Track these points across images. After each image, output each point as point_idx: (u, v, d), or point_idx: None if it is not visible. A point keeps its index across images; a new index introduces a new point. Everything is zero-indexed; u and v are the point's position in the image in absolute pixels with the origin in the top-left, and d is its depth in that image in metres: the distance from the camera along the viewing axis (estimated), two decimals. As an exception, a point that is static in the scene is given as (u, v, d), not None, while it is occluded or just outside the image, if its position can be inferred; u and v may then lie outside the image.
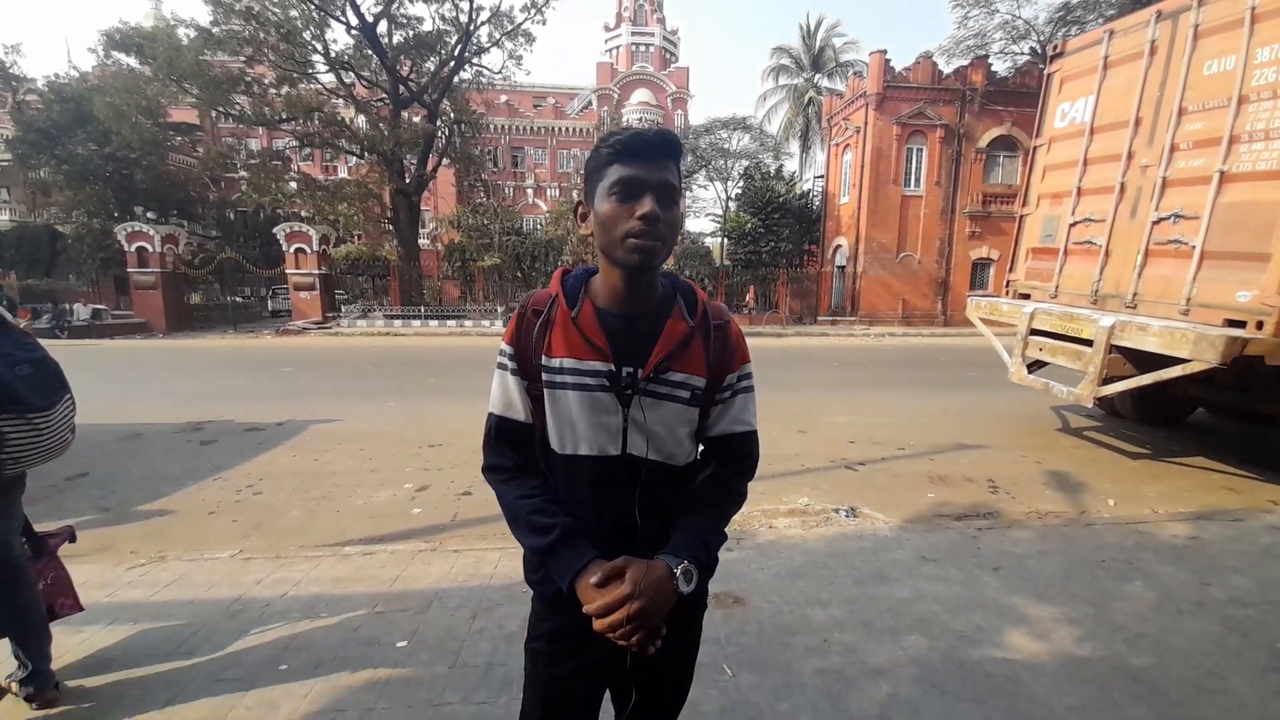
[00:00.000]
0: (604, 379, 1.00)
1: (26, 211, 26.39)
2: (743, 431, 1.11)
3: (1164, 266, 4.67)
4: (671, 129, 1.02)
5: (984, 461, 5.09)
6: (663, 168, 0.96)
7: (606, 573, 0.94)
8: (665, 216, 0.95)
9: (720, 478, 1.12)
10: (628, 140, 0.96)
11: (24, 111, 21.52)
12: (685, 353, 1.03)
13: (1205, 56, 4.44)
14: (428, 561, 3.05)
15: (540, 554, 1.01)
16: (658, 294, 1.06)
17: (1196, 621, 2.30)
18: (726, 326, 1.09)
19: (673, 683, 1.20)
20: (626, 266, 0.98)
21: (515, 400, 1.06)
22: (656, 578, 0.94)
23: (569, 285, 1.07)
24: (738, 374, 1.10)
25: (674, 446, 1.06)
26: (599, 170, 0.98)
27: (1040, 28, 20.39)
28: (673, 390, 1.03)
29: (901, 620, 2.55)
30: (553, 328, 1.03)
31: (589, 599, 0.94)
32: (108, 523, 3.80)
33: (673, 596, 0.95)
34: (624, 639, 0.91)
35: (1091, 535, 3.45)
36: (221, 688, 2.09)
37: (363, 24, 17.58)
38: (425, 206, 25.49)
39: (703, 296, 1.10)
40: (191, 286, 19.36)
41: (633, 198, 0.94)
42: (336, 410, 6.77)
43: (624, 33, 36.53)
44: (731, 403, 1.10)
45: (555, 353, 1.02)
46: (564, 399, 1.02)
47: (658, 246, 0.95)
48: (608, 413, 1.01)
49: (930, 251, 20.19)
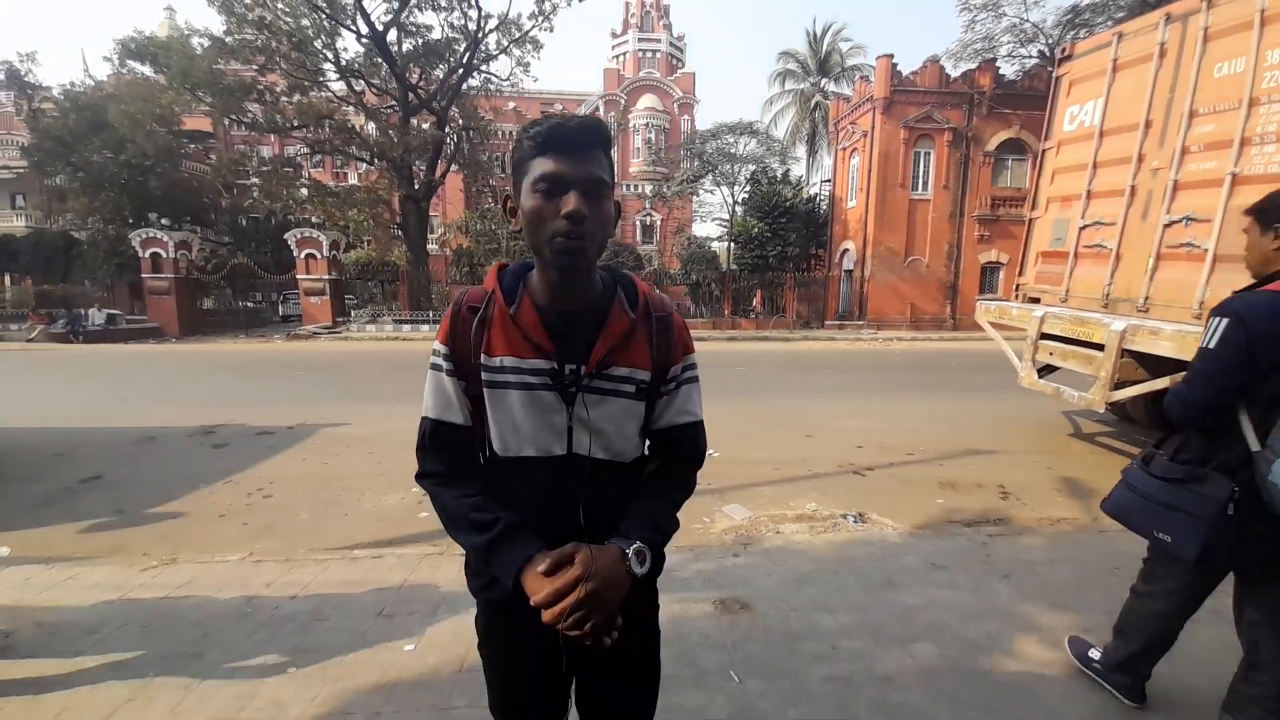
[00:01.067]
0: (546, 377, 0.97)
1: (43, 218, 26.85)
2: (689, 422, 1.09)
3: (1176, 270, 4.63)
4: (597, 119, 0.99)
5: (994, 467, 5.04)
6: (589, 160, 0.91)
7: (555, 559, 0.90)
8: (593, 213, 0.91)
9: (669, 468, 1.11)
10: (549, 131, 0.91)
11: (40, 119, 21.89)
12: (628, 346, 1.00)
13: (1215, 59, 4.41)
14: (435, 565, 3.06)
15: (482, 551, 0.96)
16: (597, 288, 1.02)
17: (1212, 630, 2.26)
18: (669, 318, 1.07)
19: (633, 688, 1.14)
20: (556, 267, 0.95)
21: (453, 402, 1.01)
22: (608, 560, 0.91)
23: (506, 281, 1.03)
24: (682, 365, 1.07)
25: (621, 443, 1.03)
26: (523, 163, 0.93)
27: (1048, 31, 20.32)
28: (618, 385, 1.00)
29: (911, 627, 2.53)
30: (491, 325, 0.99)
31: (536, 589, 0.88)
32: (121, 525, 3.85)
33: (626, 580, 0.92)
34: (576, 628, 0.86)
35: (1105, 542, 3.40)
36: (231, 689, 2.11)
37: (373, 33, 17.79)
38: (434, 212, 25.66)
39: (643, 288, 1.07)
40: (204, 292, 19.62)
41: (557, 194, 0.90)
42: (346, 414, 6.82)
43: (631, 39, 36.71)
44: (676, 394, 1.07)
45: (495, 351, 0.98)
46: (506, 399, 0.98)
47: (585, 245, 0.92)
48: (552, 412, 0.98)
49: (938, 255, 20.09)
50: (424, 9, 18.55)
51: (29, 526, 3.80)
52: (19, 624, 2.51)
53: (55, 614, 2.59)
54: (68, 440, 5.77)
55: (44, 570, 2.99)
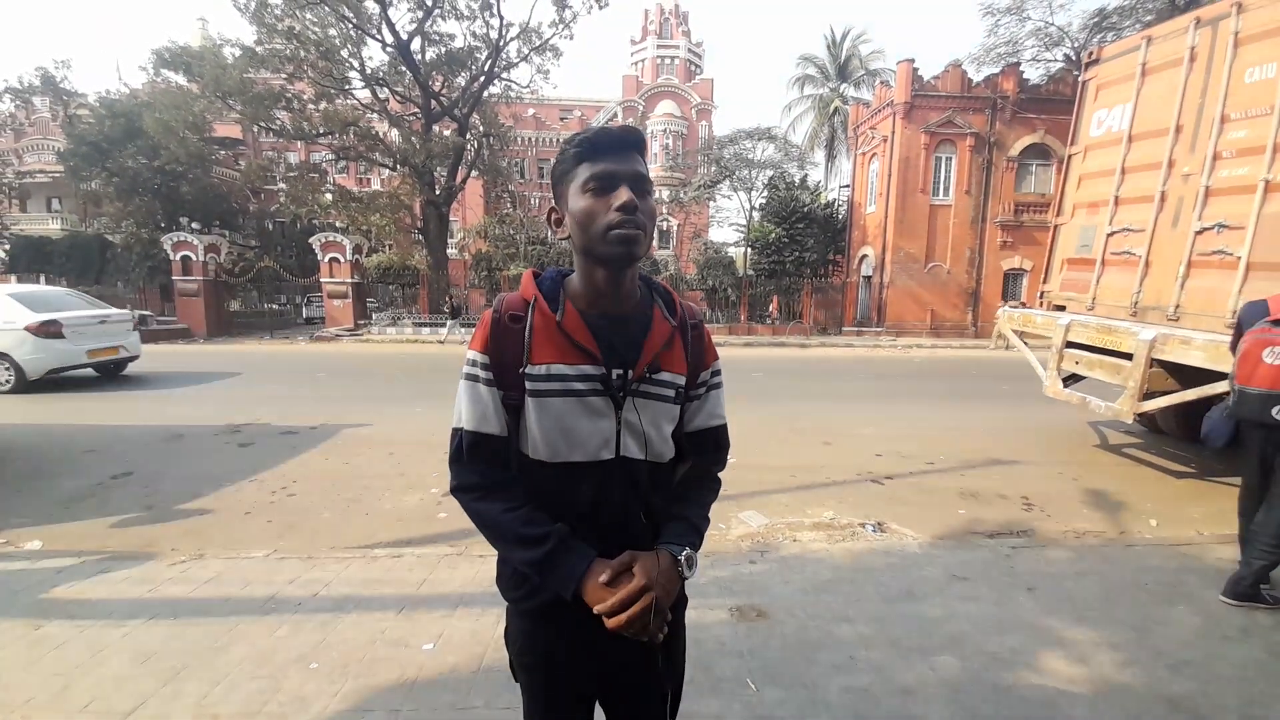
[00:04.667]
0: (596, 383, 0.98)
1: (78, 221, 27.80)
2: (717, 425, 1.15)
3: (1208, 278, 4.51)
4: (635, 127, 1.02)
5: (1018, 477, 4.95)
6: (632, 160, 0.96)
7: (615, 569, 0.94)
8: (643, 205, 0.95)
9: (701, 469, 1.16)
10: (593, 137, 0.97)
11: (76, 125, 22.67)
12: (670, 352, 1.04)
13: (1246, 64, 4.31)
14: (453, 565, 3.09)
15: (536, 566, 0.96)
16: (638, 294, 1.06)
17: (1242, 648, 2.20)
18: (701, 326, 1.13)
19: (670, 679, 1.17)
20: (611, 260, 0.96)
21: (490, 413, 1.00)
22: (663, 567, 0.96)
23: (546, 288, 1.03)
24: (710, 370, 1.13)
25: (662, 445, 1.06)
26: (569, 172, 0.98)
27: (1074, 34, 19.97)
28: (661, 390, 1.03)
29: (931, 639, 2.49)
30: (535, 333, 0.99)
31: (599, 599, 0.92)
32: (150, 520, 3.95)
33: (678, 583, 0.98)
34: (638, 633, 0.92)
35: (1133, 557, 3.32)
36: (256, 684, 2.15)
37: (398, 41, 18.15)
38: (454, 217, 26.00)
39: (676, 297, 1.11)
40: (231, 294, 20.10)
41: (608, 190, 0.94)
42: (367, 415, 6.92)
43: (649, 46, 36.93)
44: (707, 398, 1.13)
45: (540, 359, 0.97)
46: (552, 406, 0.97)
47: (639, 235, 0.94)
48: (601, 417, 0.99)
49: (960, 262, 19.80)
50: (447, 18, 18.88)
51: (62, 521, 3.92)
52: (50, 616, 2.59)
53: (86, 607, 2.67)
54: (101, 437, 5.95)
55: (75, 564, 3.09)
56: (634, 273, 1.03)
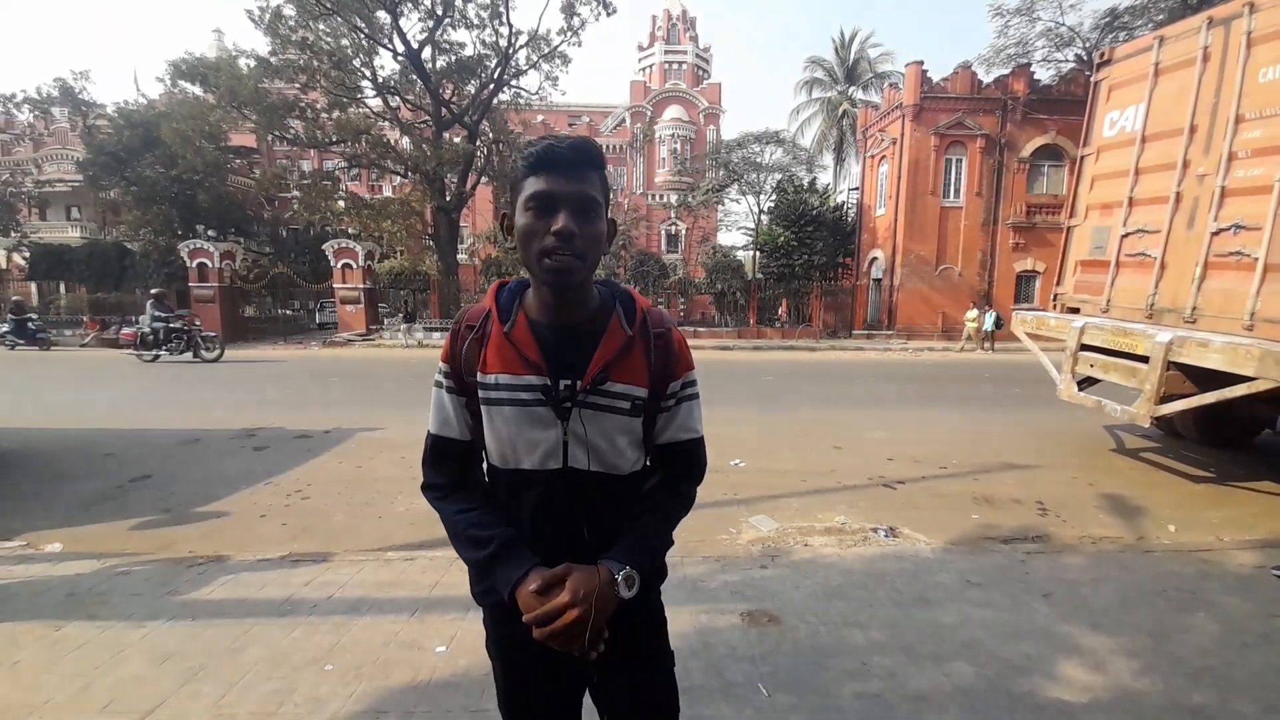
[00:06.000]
0: (539, 393, 0.98)
1: (97, 229, 28.31)
2: (689, 439, 1.09)
3: (1225, 279, 4.45)
4: (590, 139, 1.01)
5: (1032, 482, 4.89)
6: (581, 179, 0.93)
7: (546, 580, 0.93)
8: (584, 231, 0.92)
9: (668, 484, 1.11)
10: (541, 151, 0.93)
11: (95, 135, 23.13)
12: (624, 362, 1.01)
13: (1260, 63, 4.26)
14: (465, 569, 3.10)
15: (479, 566, 1.00)
16: (594, 304, 1.03)
17: (1263, 655, 2.16)
18: (668, 334, 1.06)
19: (647, 698, 1.16)
20: (545, 285, 0.97)
21: (451, 418, 1.05)
22: (598, 584, 0.93)
23: (503, 299, 1.05)
24: (681, 381, 1.07)
25: (616, 458, 1.03)
26: (518, 182, 0.96)
27: (1085, 35, 19.82)
28: (613, 401, 1.00)
29: (945, 646, 2.47)
30: (487, 343, 1.01)
31: (529, 607, 0.92)
32: (168, 523, 4.01)
33: (614, 601, 0.94)
34: (564, 647, 0.91)
35: (1150, 563, 3.27)
36: (272, 685, 2.18)
37: (409, 51, 18.40)
38: (464, 223, 26.23)
39: (643, 304, 1.08)
40: (246, 300, 20.37)
41: (548, 213, 0.91)
42: (379, 419, 6.99)
43: (657, 51, 37.03)
44: (676, 411, 1.08)
45: (489, 368, 1.00)
46: (500, 415, 1.00)
47: (574, 263, 0.92)
48: (546, 427, 0.99)
49: (971, 264, 19.67)
50: (457, 27, 19.12)
51: (82, 523, 3.99)
52: (71, 617, 2.64)
53: (106, 608, 2.71)
54: (119, 441, 6.05)
55: (96, 566, 3.14)
56: (586, 285, 1.01)
